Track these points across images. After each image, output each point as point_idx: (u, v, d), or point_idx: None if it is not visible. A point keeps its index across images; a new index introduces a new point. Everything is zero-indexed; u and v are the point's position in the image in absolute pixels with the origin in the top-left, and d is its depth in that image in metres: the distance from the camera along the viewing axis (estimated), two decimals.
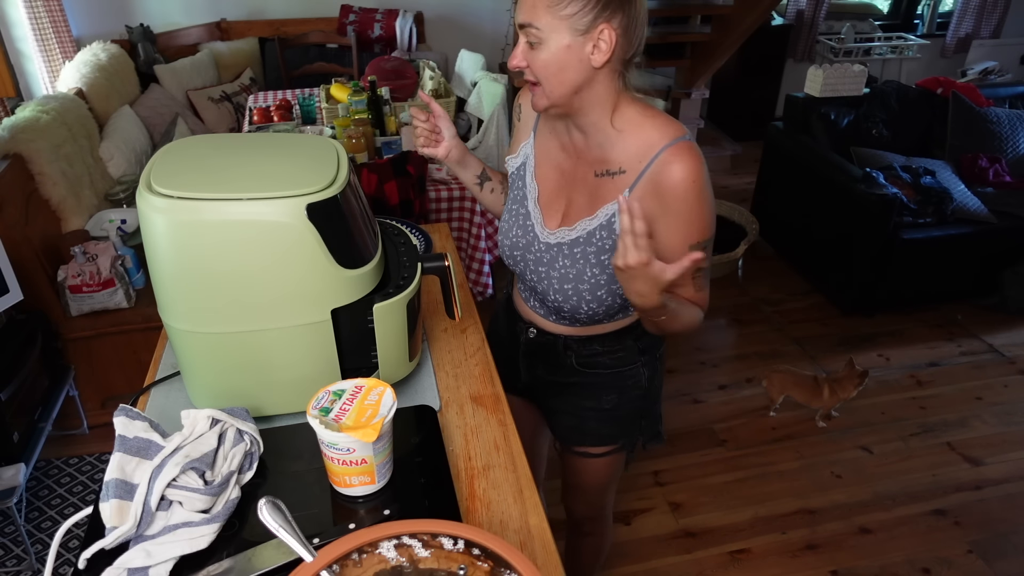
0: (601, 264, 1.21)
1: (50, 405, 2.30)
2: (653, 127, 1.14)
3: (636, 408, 1.44)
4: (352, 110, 2.86)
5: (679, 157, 1.11)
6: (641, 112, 1.16)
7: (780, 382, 2.63)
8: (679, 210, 1.13)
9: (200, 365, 1.01)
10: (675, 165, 1.11)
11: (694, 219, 1.14)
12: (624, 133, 1.15)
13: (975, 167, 3.38)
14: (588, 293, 1.23)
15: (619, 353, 1.36)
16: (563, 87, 1.09)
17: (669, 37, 4.25)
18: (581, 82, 1.09)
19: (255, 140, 1.06)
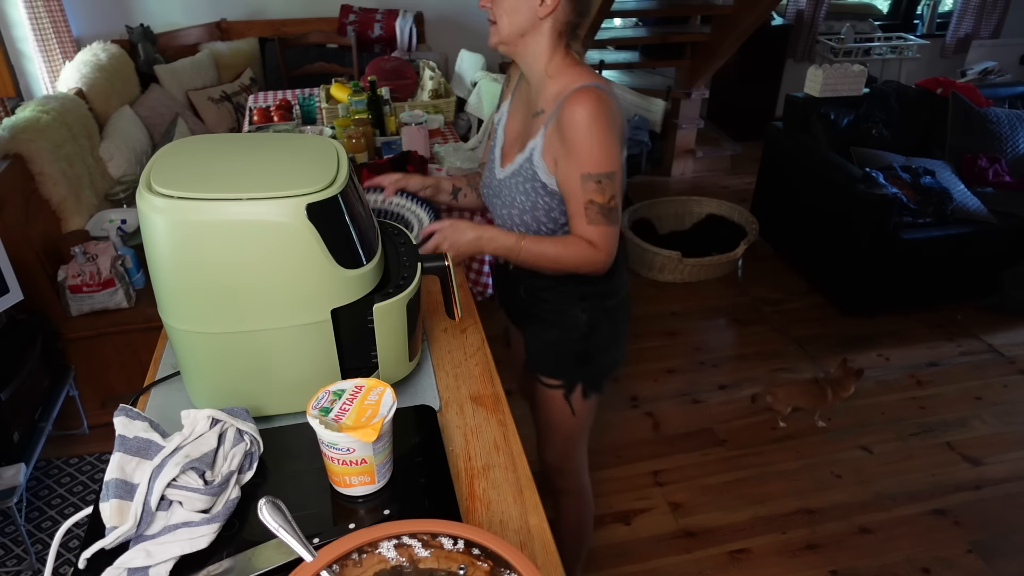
0: (526, 191, 1.39)
1: (50, 405, 2.30)
2: (572, 76, 1.33)
3: (576, 351, 1.55)
4: (352, 110, 2.86)
5: (578, 98, 1.28)
6: (571, 64, 1.35)
7: (786, 395, 2.61)
8: (572, 142, 1.29)
9: (200, 365, 1.01)
10: (573, 105, 1.28)
11: (584, 152, 1.29)
12: (552, 79, 1.35)
13: (975, 167, 3.38)
14: (518, 218, 1.42)
15: (560, 292, 1.50)
16: (512, 28, 1.32)
17: (669, 37, 4.26)
18: (527, 27, 1.32)
19: (255, 140, 1.06)
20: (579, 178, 1.31)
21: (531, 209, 1.40)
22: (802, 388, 2.62)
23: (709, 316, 3.29)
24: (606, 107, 1.29)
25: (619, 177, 1.34)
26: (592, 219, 1.33)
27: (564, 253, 1.37)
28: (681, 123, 4.49)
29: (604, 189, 1.31)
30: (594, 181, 1.30)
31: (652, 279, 3.54)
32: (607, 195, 1.32)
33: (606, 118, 1.29)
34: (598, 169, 1.30)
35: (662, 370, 2.92)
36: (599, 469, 2.45)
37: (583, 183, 1.30)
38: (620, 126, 1.34)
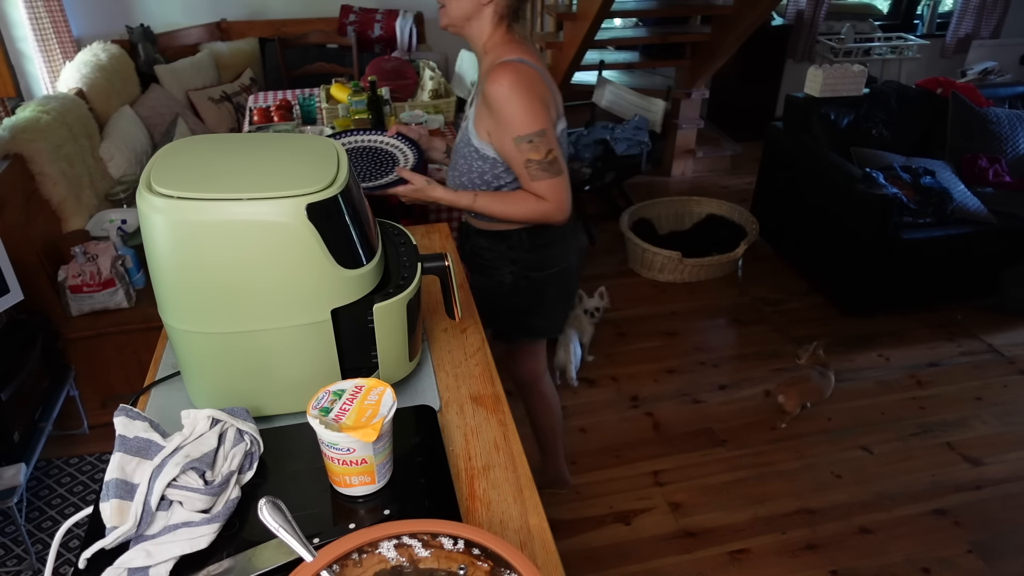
0: (464, 156, 1.58)
1: (50, 405, 2.30)
2: (500, 52, 1.48)
3: (503, 306, 1.77)
4: (352, 110, 2.86)
5: (496, 73, 1.43)
6: (506, 42, 1.49)
7: (799, 393, 2.61)
8: (498, 113, 1.45)
9: (200, 365, 1.01)
10: (492, 80, 1.43)
11: (510, 118, 1.44)
12: (486, 56, 1.51)
13: (975, 167, 3.38)
14: (458, 179, 1.62)
15: (494, 253, 1.70)
16: (458, 12, 1.47)
17: (669, 37, 4.25)
18: (472, 11, 1.47)
19: (255, 140, 1.06)
20: (512, 142, 1.46)
21: (467, 172, 1.59)
22: (814, 384, 2.62)
23: (709, 316, 3.29)
24: (523, 75, 1.44)
25: (551, 133, 1.47)
26: (534, 175, 1.49)
27: (513, 207, 1.54)
28: (681, 123, 4.49)
29: (538, 147, 1.46)
30: (526, 141, 1.45)
31: (652, 279, 3.54)
32: (542, 151, 1.46)
33: (524, 84, 1.43)
34: (527, 130, 1.44)
35: (662, 370, 2.92)
36: (599, 469, 2.45)
37: (517, 145, 1.46)
38: (541, 91, 1.47)
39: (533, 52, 1.51)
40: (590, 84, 4.26)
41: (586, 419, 2.66)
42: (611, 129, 3.78)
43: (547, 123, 1.46)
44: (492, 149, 1.53)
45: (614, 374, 2.90)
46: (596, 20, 3.45)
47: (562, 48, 3.91)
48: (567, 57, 3.86)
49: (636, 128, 3.75)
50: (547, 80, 1.51)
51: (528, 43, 1.53)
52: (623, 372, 2.91)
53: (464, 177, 1.61)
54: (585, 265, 1.96)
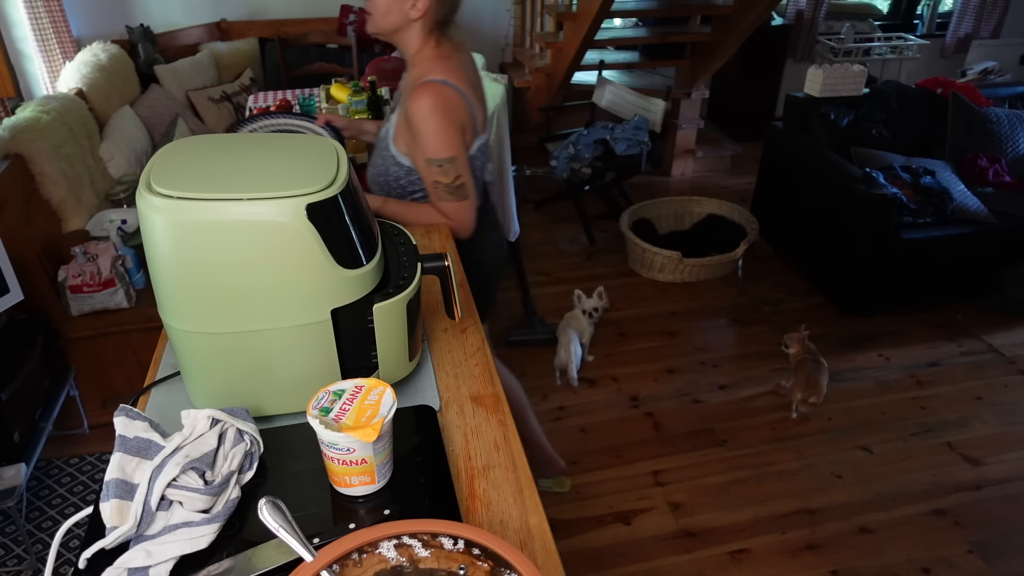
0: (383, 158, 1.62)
1: (51, 405, 2.30)
2: (426, 69, 1.50)
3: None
4: (352, 110, 2.86)
5: (418, 93, 1.45)
6: (434, 57, 1.51)
7: (820, 384, 2.62)
8: (416, 132, 1.49)
9: (200, 365, 1.01)
10: (414, 99, 1.46)
11: (425, 140, 1.48)
12: (414, 68, 1.54)
13: (975, 167, 3.38)
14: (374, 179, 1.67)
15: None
16: (385, 25, 1.51)
17: (669, 37, 4.26)
18: (399, 25, 1.50)
19: (255, 140, 1.06)
20: (424, 162, 1.51)
21: (384, 172, 1.63)
22: (821, 373, 2.65)
23: (709, 316, 3.29)
24: (442, 99, 1.47)
25: (462, 160, 1.52)
26: (440, 196, 1.55)
27: (418, 219, 1.59)
28: (681, 123, 4.49)
29: (447, 171, 1.51)
30: (436, 165, 1.50)
31: (652, 279, 3.54)
32: (451, 176, 1.51)
33: (443, 109, 1.47)
34: (438, 155, 1.49)
35: (662, 370, 2.92)
36: (599, 469, 2.45)
37: (428, 166, 1.51)
38: (460, 115, 1.51)
39: (459, 69, 1.53)
40: (590, 84, 4.26)
41: (586, 419, 2.66)
42: (611, 129, 3.78)
43: (459, 150, 1.51)
44: (408, 160, 1.58)
45: (614, 374, 2.90)
46: (596, 20, 3.45)
47: (562, 48, 3.91)
48: (567, 57, 3.86)
49: (636, 128, 3.75)
50: (468, 100, 1.54)
51: (455, 57, 1.55)
52: (623, 372, 2.91)
53: (381, 177, 1.66)
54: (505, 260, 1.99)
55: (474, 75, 1.63)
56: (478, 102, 1.60)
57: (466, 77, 1.55)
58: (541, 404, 2.73)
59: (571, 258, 3.74)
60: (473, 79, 1.61)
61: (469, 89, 1.55)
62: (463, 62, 1.57)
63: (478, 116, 1.60)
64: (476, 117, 1.59)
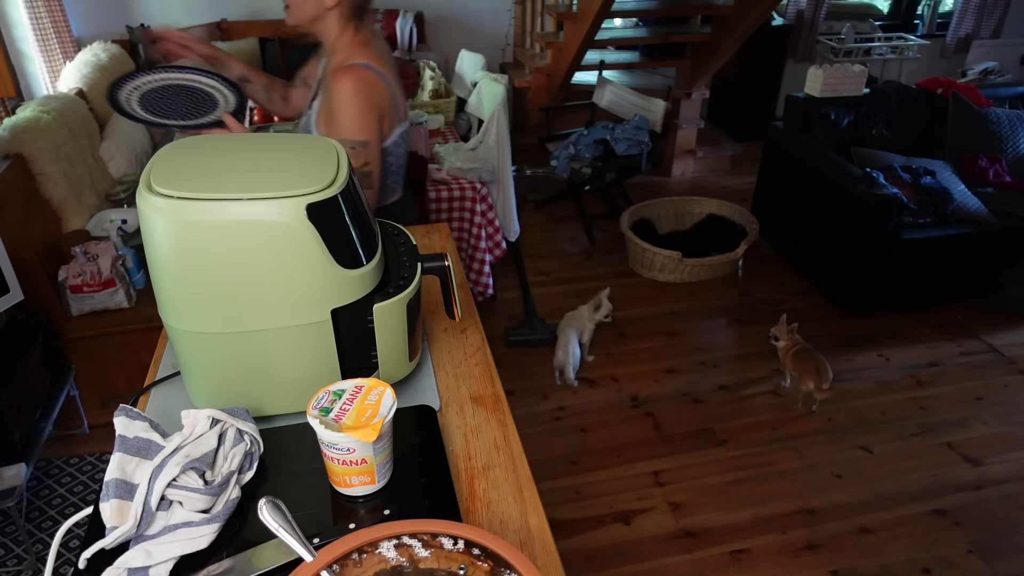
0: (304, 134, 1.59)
1: (51, 405, 2.30)
2: (349, 53, 1.52)
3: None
4: None
5: (343, 74, 1.47)
6: (356, 43, 1.53)
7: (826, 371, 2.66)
8: (333, 111, 1.49)
9: (200, 365, 1.01)
10: (337, 80, 1.47)
11: (341, 120, 1.48)
12: (335, 55, 1.54)
13: (975, 167, 3.38)
14: None
15: None
16: (302, 15, 1.51)
17: (669, 37, 4.26)
18: (316, 14, 1.51)
19: (255, 140, 1.06)
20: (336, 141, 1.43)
21: None
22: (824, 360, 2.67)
23: (709, 316, 3.29)
24: (365, 83, 1.48)
25: (375, 147, 1.52)
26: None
27: None
28: (681, 123, 4.49)
29: (357, 155, 1.49)
30: (348, 146, 1.48)
31: (652, 279, 3.54)
32: (359, 160, 1.50)
33: (365, 92, 1.48)
34: (352, 136, 1.48)
35: (662, 370, 2.92)
36: (599, 469, 2.45)
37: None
38: (381, 100, 1.51)
39: (379, 55, 1.55)
40: (590, 84, 4.27)
41: (586, 419, 2.66)
42: (611, 129, 3.78)
43: (373, 136, 1.51)
44: None
45: (614, 374, 2.90)
46: (596, 20, 3.45)
47: (562, 48, 3.91)
48: (567, 57, 3.86)
49: (636, 128, 3.76)
50: (390, 86, 1.54)
51: (375, 44, 1.57)
52: (623, 372, 2.91)
53: None
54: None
55: (393, 63, 1.64)
56: (399, 89, 1.61)
57: (387, 63, 1.56)
58: (541, 404, 2.73)
59: (571, 258, 3.74)
60: (393, 67, 1.62)
61: (391, 75, 1.56)
62: (382, 49, 1.59)
63: (400, 103, 1.60)
64: (398, 104, 1.59)
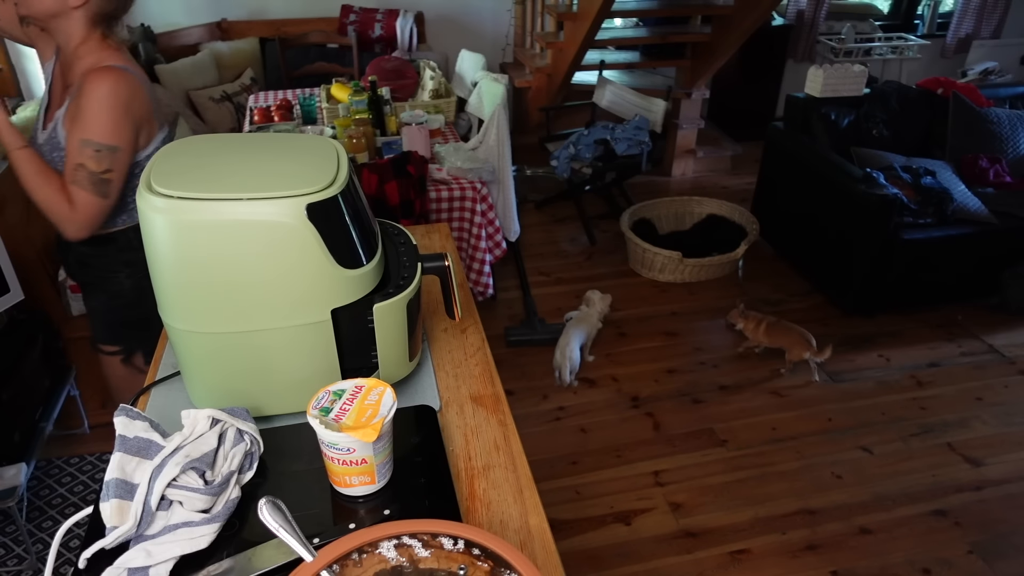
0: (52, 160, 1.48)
1: (51, 405, 2.30)
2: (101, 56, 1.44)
3: (124, 318, 1.67)
4: (353, 110, 2.86)
5: (101, 73, 1.39)
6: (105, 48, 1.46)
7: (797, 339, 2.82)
8: (83, 109, 1.39)
9: (200, 365, 1.01)
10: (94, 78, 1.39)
11: (91, 120, 1.39)
12: (81, 60, 1.45)
13: (975, 167, 3.38)
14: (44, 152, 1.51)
15: (103, 259, 1.61)
16: (40, 7, 1.40)
17: (669, 37, 4.26)
18: (55, 10, 1.40)
19: (255, 140, 1.06)
20: (79, 141, 1.39)
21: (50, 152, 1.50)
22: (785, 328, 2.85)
23: (709, 316, 3.29)
24: (126, 88, 1.41)
25: (123, 156, 1.43)
26: (77, 180, 1.41)
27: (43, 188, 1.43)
28: (682, 123, 4.49)
29: (101, 159, 1.40)
30: (93, 148, 1.39)
31: (652, 279, 3.54)
32: (102, 166, 1.40)
33: (123, 97, 1.40)
34: (101, 139, 1.39)
35: (662, 370, 2.92)
36: (599, 469, 2.45)
37: (81, 147, 1.39)
38: (139, 108, 1.44)
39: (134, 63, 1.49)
40: (590, 84, 4.27)
41: (586, 419, 2.66)
42: (611, 129, 3.78)
43: (126, 144, 1.43)
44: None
45: (614, 374, 2.90)
46: (596, 20, 3.45)
47: (562, 48, 3.92)
48: (567, 57, 3.86)
49: (636, 128, 3.75)
50: (149, 91, 1.48)
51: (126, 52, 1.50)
52: (623, 372, 2.91)
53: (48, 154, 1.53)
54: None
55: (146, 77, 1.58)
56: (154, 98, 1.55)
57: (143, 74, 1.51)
58: (541, 404, 2.73)
59: (571, 258, 3.74)
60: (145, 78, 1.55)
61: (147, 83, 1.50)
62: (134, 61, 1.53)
63: (159, 111, 1.54)
64: (157, 112, 1.53)
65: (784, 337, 2.82)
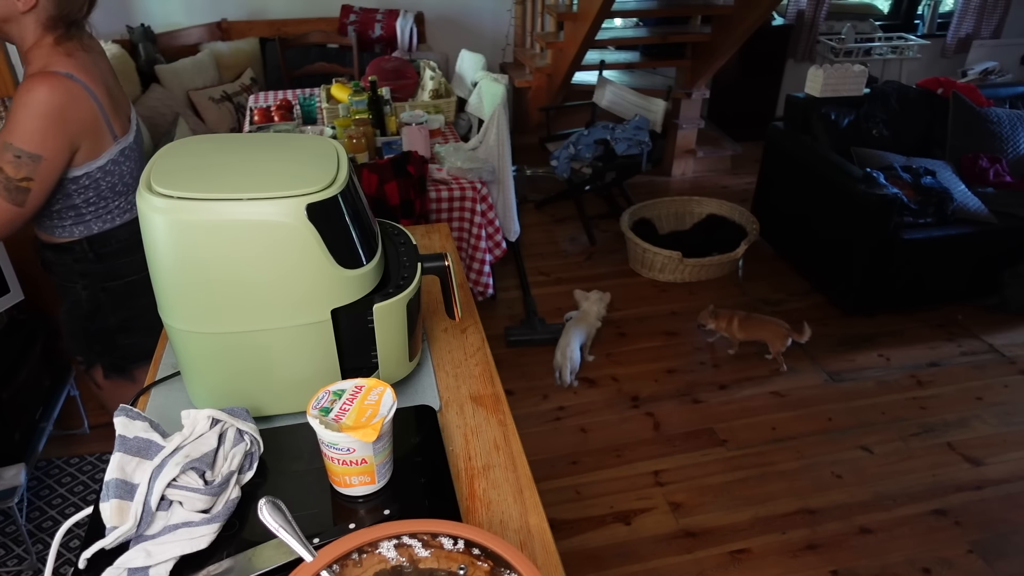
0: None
1: (51, 405, 2.30)
2: (48, 62, 1.39)
3: (85, 328, 1.65)
4: (353, 110, 2.86)
5: (39, 78, 1.35)
6: (55, 53, 1.40)
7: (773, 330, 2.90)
8: (12, 110, 1.34)
9: (200, 365, 1.01)
10: (30, 82, 1.35)
11: (18, 124, 1.34)
12: (30, 64, 1.40)
13: (975, 167, 3.38)
14: None
15: (62, 267, 1.59)
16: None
17: (669, 37, 4.26)
18: (7, 16, 1.37)
19: (255, 140, 1.06)
20: (1, 144, 1.34)
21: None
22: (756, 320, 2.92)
23: None
24: (63, 96, 1.35)
25: (46, 168, 1.36)
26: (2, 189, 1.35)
27: None
28: (682, 123, 4.49)
29: (20, 166, 1.34)
30: (13, 153, 1.33)
31: (652, 279, 3.54)
32: (20, 173, 1.34)
33: (56, 105, 1.35)
34: (22, 145, 1.33)
35: (662, 370, 2.92)
36: (599, 469, 2.45)
37: (2, 150, 1.34)
38: (81, 119, 1.39)
39: (87, 67, 1.42)
40: (591, 84, 4.27)
41: (586, 419, 2.66)
42: (611, 129, 3.78)
43: (51, 156, 1.36)
44: None
45: (614, 374, 2.90)
46: (596, 20, 3.45)
47: (562, 48, 3.92)
48: (567, 57, 3.86)
49: (636, 128, 3.75)
50: (97, 100, 1.42)
51: (82, 56, 1.43)
52: (623, 372, 2.91)
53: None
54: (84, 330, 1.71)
55: (110, 78, 1.51)
56: (112, 107, 1.48)
57: (99, 77, 1.44)
58: (541, 404, 2.73)
59: (571, 258, 3.74)
60: (108, 81, 1.49)
61: (102, 90, 1.44)
62: (95, 62, 1.46)
63: (114, 121, 1.48)
64: (110, 121, 1.47)
65: (760, 330, 2.88)
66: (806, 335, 2.84)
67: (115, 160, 1.51)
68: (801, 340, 2.85)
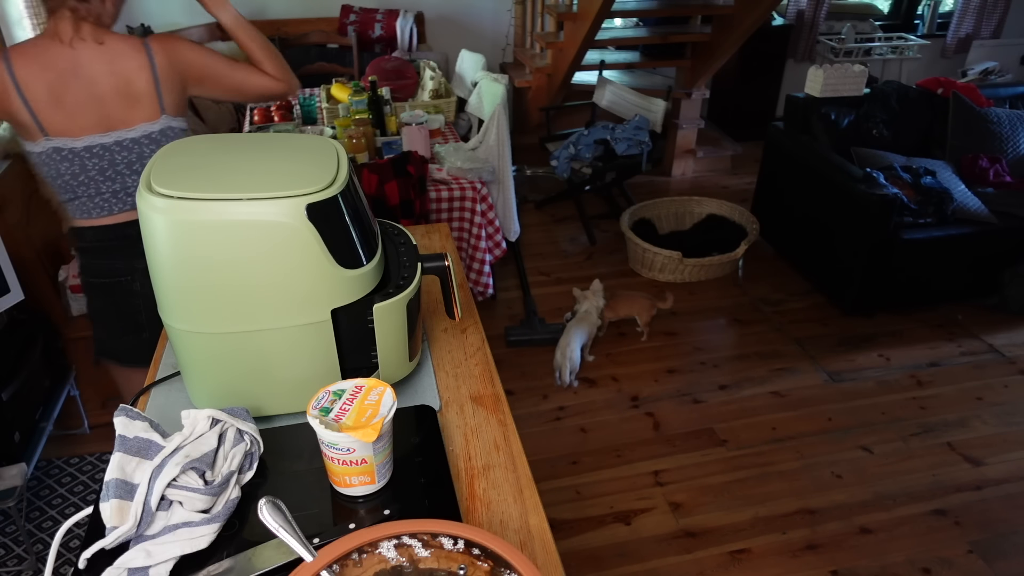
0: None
1: (51, 405, 2.30)
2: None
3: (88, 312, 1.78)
4: (353, 110, 2.86)
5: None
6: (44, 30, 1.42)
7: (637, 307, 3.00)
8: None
9: (200, 365, 1.01)
10: None
11: None
12: None
13: (975, 167, 3.38)
14: None
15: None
16: None
17: (669, 37, 4.26)
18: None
19: (255, 140, 1.06)
20: None
21: None
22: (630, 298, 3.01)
23: (709, 316, 3.29)
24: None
25: None
26: None
27: None
28: (682, 123, 4.49)
29: None
30: None
31: (652, 279, 3.54)
32: None
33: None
34: None
35: (662, 370, 2.92)
36: (599, 469, 2.45)
37: None
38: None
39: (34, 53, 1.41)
40: (591, 84, 4.27)
41: (586, 419, 2.66)
42: (611, 129, 3.78)
43: None
44: None
45: (614, 374, 2.90)
46: (596, 20, 3.45)
47: (562, 48, 3.92)
48: (568, 57, 3.86)
49: (636, 128, 3.75)
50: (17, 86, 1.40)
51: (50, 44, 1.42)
52: (623, 372, 2.91)
53: None
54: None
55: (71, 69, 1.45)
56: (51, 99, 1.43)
57: (46, 65, 1.40)
58: (541, 404, 2.73)
59: (571, 258, 3.74)
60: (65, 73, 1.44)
61: (41, 83, 1.41)
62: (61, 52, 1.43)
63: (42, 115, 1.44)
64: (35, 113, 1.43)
65: (627, 305, 2.98)
66: (669, 301, 2.96)
67: (49, 155, 1.48)
68: (665, 307, 2.98)
